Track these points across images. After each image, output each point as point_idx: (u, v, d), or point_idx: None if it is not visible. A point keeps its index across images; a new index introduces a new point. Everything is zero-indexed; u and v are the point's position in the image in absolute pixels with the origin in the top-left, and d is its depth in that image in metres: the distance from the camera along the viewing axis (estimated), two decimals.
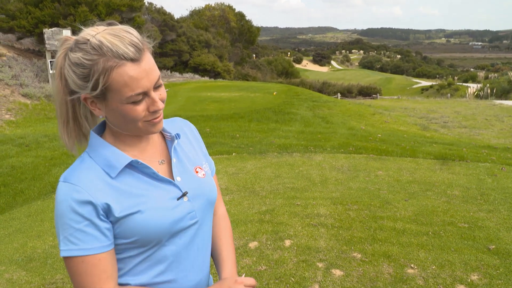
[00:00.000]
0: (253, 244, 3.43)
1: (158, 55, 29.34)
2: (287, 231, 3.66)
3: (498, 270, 3.04)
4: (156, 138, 1.13)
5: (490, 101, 18.57)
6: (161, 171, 1.08)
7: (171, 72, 26.35)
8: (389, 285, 2.88)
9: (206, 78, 25.45)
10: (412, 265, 3.12)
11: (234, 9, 47.29)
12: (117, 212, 0.97)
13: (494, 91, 24.48)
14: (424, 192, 4.61)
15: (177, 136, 1.14)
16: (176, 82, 20.58)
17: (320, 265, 3.12)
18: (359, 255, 3.26)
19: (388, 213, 4.04)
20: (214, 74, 30.96)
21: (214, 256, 1.24)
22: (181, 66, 31.53)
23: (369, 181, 5.01)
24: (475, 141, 8.27)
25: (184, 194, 1.07)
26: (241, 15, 48.11)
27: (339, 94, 30.57)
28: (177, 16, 47.58)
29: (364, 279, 2.95)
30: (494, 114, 13.60)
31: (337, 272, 3.02)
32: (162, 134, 1.15)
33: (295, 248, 3.38)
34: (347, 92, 37.72)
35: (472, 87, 29.35)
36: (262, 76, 41.39)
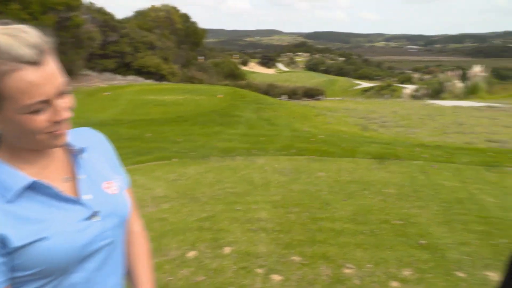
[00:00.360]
0: (191, 254, 3.34)
1: (99, 57, 28.27)
2: (227, 238, 3.61)
3: (428, 264, 3.17)
4: (59, 153, 1.01)
5: (424, 101, 19.61)
6: (66, 189, 0.97)
7: (113, 74, 25.48)
8: (327, 286, 2.91)
9: (150, 81, 24.85)
10: (349, 265, 3.18)
11: (179, 11, 46.64)
12: (15, 241, 0.85)
13: (427, 91, 25.88)
14: (362, 192, 4.75)
15: (83, 149, 1.03)
16: (118, 85, 19.91)
17: (259, 271, 3.10)
18: (299, 258, 3.28)
19: (327, 214, 4.11)
20: (159, 76, 30.31)
21: (131, 278, 1.16)
22: (124, 68, 30.56)
23: (310, 183, 5.08)
24: (410, 140, 8.67)
25: (94, 214, 0.97)
26: (186, 17, 47.54)
27: (284, 96, 31.02)
28: (120, 16, 46.07)
29: (303, 282, 2.97)
30: (427, 114, 14.35)
31: (276, 277, 3.02)
32: (67, 147, 1.03)
33: (235, 255, 3.34)
34: (293, 94, 38.31)
35: (408, 88, 30.89)
36: (208, 78, 41.13)
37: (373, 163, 5.99)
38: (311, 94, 38.96)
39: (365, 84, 54.23)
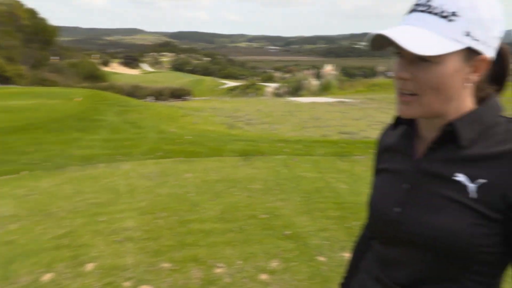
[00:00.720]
0: (47, 277, 2.99)
1: None
2: (89, 253, 3.32)
3: (293, 253, 3.36)
4: None
5: (285, 99, 21.00)
6: None
7: None
8: None
9: None
10: (219, 264, 3.18)
11: (24, 5, 41.85)
12: None
13: (288, 89, 27.79)
14: (229, 190, 4.83)
15: None
16: None
17: (127, 284, 2.91)
18: (168, 265, 3.17)
19: (196, 215, 4.08)
20: (2, 79, 26.81)
21: None
22: None
23: (178, 185, 4.99)
24: (273, 136, 9.16)
25: None
26: (33, 12, 42.87)
27: (151, 97, 30.18)
28: None
29: None
30: (288, 110, 15.37)
31: None
32: None
33: (99, 270, 3.08)
34: (159, 95, 37.57)
35: (271, 86, 32.74)
36: (64, 80, 37.80)
37: (239, 161, 6.16)
38: (178, 94, 38.69)
39: (231, 84, 55.84)
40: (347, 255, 3.31)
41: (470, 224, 0.79)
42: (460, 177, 0.81)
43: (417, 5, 0.82)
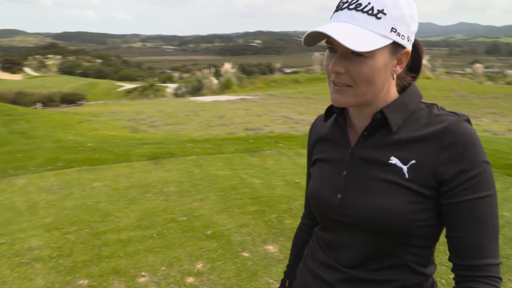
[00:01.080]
0: None
1: None
2: None
3: (217, 252, 3.35)
4: None
5: (187, 99, 20.76)
6: None
7: None
8: None
9: None
10: (143, 273, 3.06)
11: None
12: None
13: (188, 89, 27.49)
14: (143, 195, 4.65)
15: None
16: None
17: None
18: (86, 281, 2.96)
19: (110, 225, 3.86)
20: None
21: None
22: None
23: (86, 196, 4.67)
24: (180, 136, 9.01)
25: None
26: None
27: (39, 104, 27.71)
28: None
29: None
30: (191, 110, 15.23)
31: None
32: None
33: None
34: (49, 101, 34.75)
35: (171, 86, 32.12)
36: None
37: (149, 164, 5.96)
38: (70, 99, 36.19)
39: (128, 86, 53.62)
40: (270, 248, 3.41)
41: (408, 202, 0.87)
42: (394, 160, 0.89)
43: (346, 2, 0.88)
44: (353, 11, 0.86)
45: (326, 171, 1.03)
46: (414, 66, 1.00)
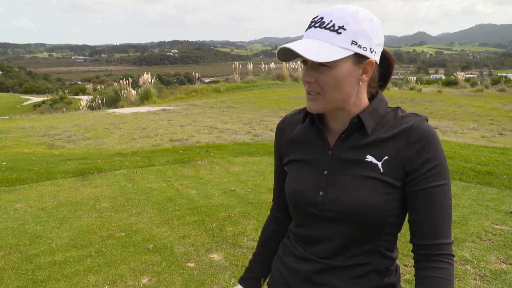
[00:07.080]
0: None
1: None
2: None
3: (161, 265, 3.33)
4: None
5: (104, 111, 19.88)
6: None
7: None
8: None
9: None
10: None
11: None
12: None
13: (105, 101, 26.35)
14: (75, 213, 4.44)
15: None
16: None
17: None
18: None
19: (42, 247, 3.64)
20: None
21: None
22: None
23: (9, 219, 4.33)
24: (103, 151, 8.65)
25: None
26: None
27: None
28: None
29: None
30: (111, 123, 14.64)
31: None
32: None
33: None
34: None
35: (84, 99, 30.47)
36: None
37: (76, 181, 5.67)
38: None
39: (35, 99, 49.88)
40: (214, 256, 3.46)
41: (383, 193, 1.02)
42: (370, 158, 1.05)
43: (313, 22, 1.03)
44: (318, 28, 1.01)
45: (305, 171, 1.14)
46: (384, 75, 1.16)
